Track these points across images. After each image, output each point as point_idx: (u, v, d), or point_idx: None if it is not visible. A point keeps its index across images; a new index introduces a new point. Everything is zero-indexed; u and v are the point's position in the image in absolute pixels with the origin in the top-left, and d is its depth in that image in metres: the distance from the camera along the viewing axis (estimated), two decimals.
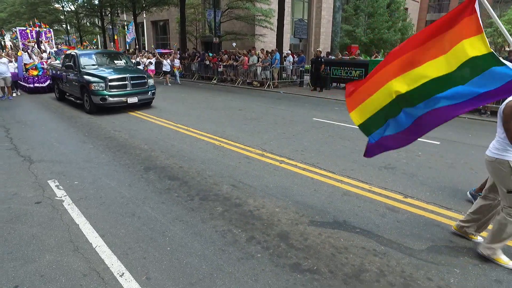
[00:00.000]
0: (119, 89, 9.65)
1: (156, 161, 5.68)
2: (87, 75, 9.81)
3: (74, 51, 11.28)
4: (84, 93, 9.87)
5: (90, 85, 9.35)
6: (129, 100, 9.78)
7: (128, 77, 9.81)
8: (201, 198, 4.30)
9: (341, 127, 8.28)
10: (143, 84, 10.25)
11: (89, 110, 9.82)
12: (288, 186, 4.75)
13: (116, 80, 9.60)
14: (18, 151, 6.34)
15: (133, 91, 9.92)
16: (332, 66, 15.32)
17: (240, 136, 7.19)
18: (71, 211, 3.99)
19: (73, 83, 10.59)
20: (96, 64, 10.63)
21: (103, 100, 9.38)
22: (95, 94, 9.34)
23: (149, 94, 10.44)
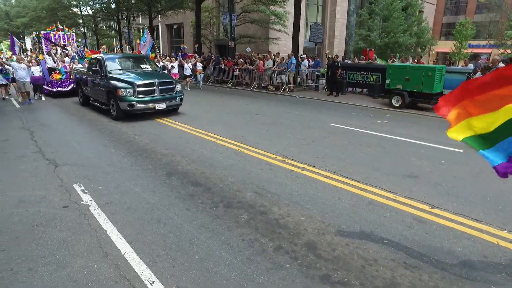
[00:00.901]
0: (147, 95, 9.26)
1: (178, 166, 5.71)
2: (114, 80, 9.47)
3: (100, 55, 10.98)
4: (111, 98, 9.54)
5: (117, 91, 9.01)
6: (157, 107, 9.36)
7: (156, 83, 9.41)
8: (225, 205, 4.30)
9: (361, 133, 8.19)
10: (171, 90, 9.84)
11: (116, 116, 9.47)
12: (311, 194, 4.71)
13: (144, 85, 9.21)
14: (43, 154, 6.47)
15: (161, 97, 9.51)
16: (348, 70, 15.20)
17: (260, 142, 7.18)
18: (98, 216, 4.04)
19: (99, 88, 10.27)
20: (123, 69, 10.26)
21: (130, 106, 9.01)
22: (122, 100, 8.98)
23: (177, 100, 10.00)
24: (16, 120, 9.68)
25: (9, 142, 7.37)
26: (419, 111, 11.29)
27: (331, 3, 34.65)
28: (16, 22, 47.12)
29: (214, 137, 7.63)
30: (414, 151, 6.78)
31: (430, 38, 31.30)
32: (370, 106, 12.31)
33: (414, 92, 11.52)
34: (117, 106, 9.25)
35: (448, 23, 44.83)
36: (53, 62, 14.38)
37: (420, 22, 31.46)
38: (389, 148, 6.99)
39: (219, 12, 32.36)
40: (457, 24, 35.97)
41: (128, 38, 31.25)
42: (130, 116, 9.52)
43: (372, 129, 8.69)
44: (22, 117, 10.02)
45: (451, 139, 3.30)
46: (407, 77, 11.58)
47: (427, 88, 11.07)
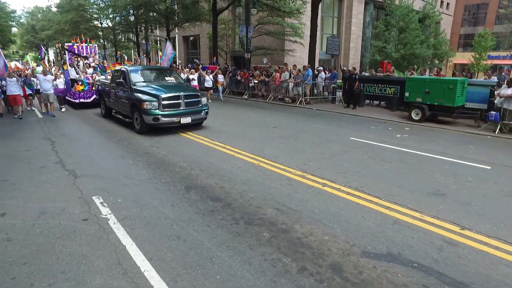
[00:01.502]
0: (172, 108, 8.91)
1: (197, 180, 5.65)
2: (139, 92, 9.21)
3: (124, 67, 10.80)
4: (135, 111, 9.25)
5: (142, 104, 8.71)
6: (183, 121, 9.01)
7: (182, 96, 9.08)
8: (246, 222, 4.20)
9: (381, 148, 8.00)
10: (197, 103, 9.48)
11: (140, 130, 9.16)
12: (334, 211, 4.56)
13: (169, 98, 8.87)
14: (64, 165, 6.53)
15: (187, 111, 9.16)
16: (365, 82, 15.03)
17: (278, 156, 7.07)
18: (117, 230, 3.99)
19: (122, 101, 10.02)
20: (147, 81, 9.99)
21: (155, 120, 8.68)
22: (147, 113, 8.67)
23: (202, 114, 9.64)
24: (39, 130, 9.89)
25: (31, 152, 7.49)
26: (440, 125, 11.00)
27: (347, 15, 34.68)
28: (41, 35, 49.02)
29: (232, 150, 7.57)
30: (438, 167, 6.54)
31: (447, 50, 30.81)
32: (389, 119, 12.08)
33: (434, 105, 11.25)
34: (141, 120, 8.97)
35: (466, 34, 44.18)
36: (75, 74, 14.50)
37: (437, 34, 31.06)
38: (411, 163, 6.77)
39: (234, 24, 32.84)
40: (476, 35, 35.36)
41: (146, 49, 31.90)
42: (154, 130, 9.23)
43: (392, 143, 8.48)
44: (44, 127, 10.23)
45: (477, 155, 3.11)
46: (427, 90, 11.34)
47: (448, 101, 10.79)
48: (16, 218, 4.35)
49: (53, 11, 52.82)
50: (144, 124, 8.94)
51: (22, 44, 65.60)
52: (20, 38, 64.06)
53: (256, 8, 18.75)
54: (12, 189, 5.37)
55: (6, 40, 42.22)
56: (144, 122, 8.88)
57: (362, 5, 34.63)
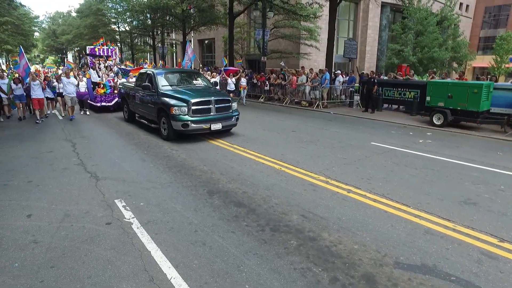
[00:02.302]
0: (202, 114, 8.42)
1: (218, 184, 5.57)
2: (166, 96, 8.70)
3: (150, 70, 10.34)
4: (162, 117, 8.78)
5: (170, 109, 8.24)
6: (213, 127, 8.47)
7: (212, 100, 8.59)
8: (272, 229, 4.08)
9: (404, 153, 7.77)
10: (227, 108, 8.98)
11: (167, 136, 8.70)
12: (361, 219, 4.40)
13: (200, 103, 8.38)
14: (85, 167, 6.56)
15: (217, 116, 8.66)
16: (384, 86, 14.75)
17: (300, 161, 6.94)
18: (141, 235, 3.93)
19: (148, 105, 9.55)
20: (174, 84, 9.55)
21: (184, 126, 8.17)
22: (175, 119, 8.18)
23: (232, 120, 9.10)
24: (59, 131, 10.03)
25: (53, 153, 7.57)
26: (463, 130, 10.66)
27: (363, 18, 34.33)
28: (61, 39, 50.33)
29: (252, 153, 7.48)
30: (466, 174, 6.29)
31: (467, 53, 30.06)
32: (409, 124, 11.79)
33: (457, 109, 10.93)
34: (169, 126, 8.50)
35: (486, 37, 43.12)
36: (97, 77, 14.50)
37: (456, 36, 30.36)
38: (437, 170, 6.54)
39: (250, 27, 32.90)
40: (497, 37, 34.43)
41: (162, 53, 32.25)
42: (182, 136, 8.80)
43: (415, 148, 8.23)
44: (65, 129, 10.37)
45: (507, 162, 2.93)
46: (450, 94, 11.03)
47: (472, 106, 10.46)
48: (41, 220, 4.35)
49: (73, 16, 54.30)
50: (172, 131, 8.50)
51: (43, 48, 67.56)
52: (42, 43, 66.00)
53: (273, 11, 18.68)
54: (37, 190, 5.40)
55: (29, 45, 43.53)
56: (172, 128, 8.42)
57: (379, 8, 34.20)
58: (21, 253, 3.60)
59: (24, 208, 4.72)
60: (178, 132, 8.46)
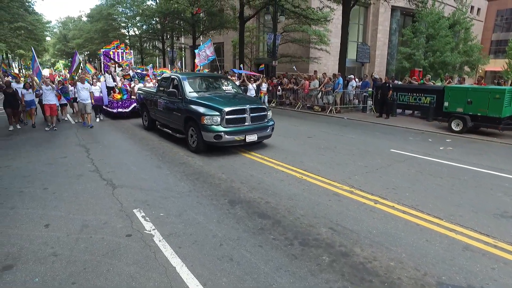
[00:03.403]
0: (236, 124, 7.60)
1: (239, 193, 5.38)
2: (196, 104, 7.89)
3: (175, 74, 9.55)
4: (190, 126, 7.99)
5: (201, 118, 7.44)
6: (248, 138, 7.63)
7: (247, 109, 7.77)
8: (301, 243, 3.87)
9: (426, 161, 7.50)
10: (263, 118, 8.13)
11: (196, 148, 7.91)
12: (393, 233, 4.17)
13: (234, 112, 7.57)
14: (100, 174, 6.42)
15: (253, 127, 7.82)
16: (399, 91, 14.47)
17: (320, 169, 6.73)
18: (164, 249, 3.75)
19: (173, 113, 8.74)
20: (202, 91, 8.78)
21: (217, 138, 7.35)
22: (207, 129, 7.38)
23: (268, 131, 8.24)
24: (73, 136, 9.94)
25: (68, 159, 7.47)
26: (484, 137, 10.34)
27: (373, 22, 34.10)
28: (72, 44, 50.94)
29: (270, 161, 7.29)
30: (497, 184, 6.02)
31: (480, 57, 29.57)
32: (426, 130, 11.50)
33: (477, 115, 10.62)
34: (199, 136, 7.69)
35: (498, 40, 42.58)
36: (112, 81, 13.89)
37: (469, 40, 29.90)
38: (465, 180, 6.27)
39: (259, 32, 32.85)
40: (510, 41, 33.90)
41: (172, 57, 32.32)
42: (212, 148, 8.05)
43: (437, 156, 7.96)
44: (78, 134, 10.29)
45: None
46: (469, 99, 10.73)
47: (494, 112, 10.14)
48: (59, 230, 4.20)
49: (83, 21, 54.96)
50: (202, 142, 7.68)
51: (54, 52, 68.44)
52: (53, 47, 66.85)
53: (284, 15, 18.55)
54: (53, 198, 5.27)
55: (41, 49, 44.07)
56: (203, 140, 7.62)
57: (389, 12, 33.95)
58: (41, 266, 3.44)
59: (42, 217, 4.58)
60: (209, 144, 7.66)
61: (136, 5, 31.79)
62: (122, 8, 34.85)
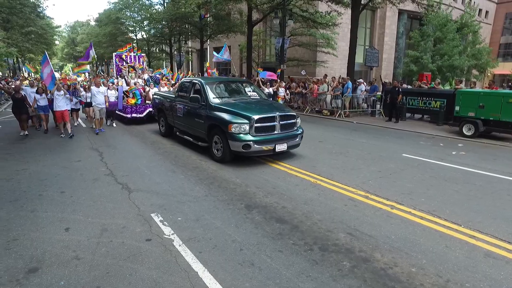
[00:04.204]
0: (266, 132, 7.15)
1: (255, 198, 5.41)
2: (221, 111, 7.45)
3: (196, 79, 9.14)
4: (214, 135, 7.56)
5: (229, 126, 6.98)
6: (278, 148, 7.18)
7: (277, 116, 7.30)
8: (320, 248, 3.88)
9: (439, 166, 7.47)
10: (292, 126, 7.69)
11: (221, 158, 7.44)
12: (412, 238, 4.16)
13: (263, 120, 7.11)
14: (116, 178, 6.49)
15: (282, 135, 7.37)
16: (408, 95, 14.43)
17: (334, 173, 6.73)
18: (184, 254, 3.78)
19: (195, 120, 8.31)
20: (226, 96, 8.32)
21: (246, 147, 6.89)
22: (235, 138, 6.93)
23: (297, 140, 7.78)
24: (85, 140, 10.04)
25: (82, 163, 7.55)
26: (496, 141, 10.28)
27: (380, 25, 34.10)
28: (80, 48, 51.56)
29: (283, 165, 7.31)
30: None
31: (489, 60, 29.34)
32: (437, 135, 11.44)
33: (489, 120, 10.54)
34: (225, 146, 7.24)
35: (506, 43, 42.27)
36: (126, 85, 13.48)
37: (477, 43, 29.68)
38: (480, 185, 6.23)
39: (266, 35, 32.97)
40: None
41: (179, 60, 32.54)
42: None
43: (450, 161, 7.92)
44: (89, 138, 10.39)
45: None
46: (481, 103, 10.66)
47: (507, 116, 10.06)
48: (80, 234, 4.25)
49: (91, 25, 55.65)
50: (228, 152, 7.24)
51: (62, 56, 69.33)
52: (61, 51, 67.71)
53: (293, 19, 18.62)
54: (71, 201, 5.33)
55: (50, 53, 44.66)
56: (229, 149, 7.18)
57: (396, 16, 33.94)
58: (65, 270, 3.49)
59: (61, 221, 4.64)
60: (237, 154, 7.21)
61: (144, 9, 32.07)
62: (130, 12, 35.21)
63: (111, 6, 38.64)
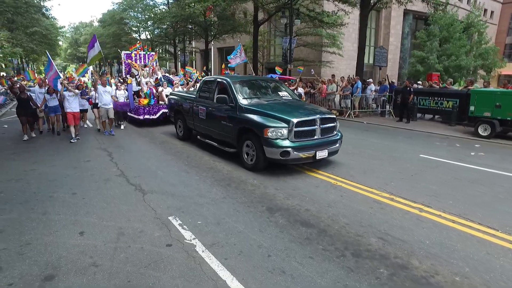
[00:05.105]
0: (305, 137, 6.40)
1: (276, 200, 5.17)
2: (254, 113, 6.68)
3: (222, 77, 8.26)
4: (246, 140, 6.83)
5: (264, 130, 6.21)
6: (318, 154, 6.40)
7: (317, 119, 6.56)
8: (353, 255, 3.64)
9: (460, 167, 7.22)
10: (332, 129, 6.97)
11: (253, 166, 6.66)
12: (448, 244, 3.92)
13: (303, 123, 6.36)
14: (127, 179, 6.27)
15: (323, 141, 6.63)
16: (419, 95, 14.17)
17: (353, 174, 6.49)
18: (209, 260, 3.55)
19: (221, 123, 7.52)
20: (255, 97, 7.50)
21: (284, 154, 6.12)
22: (271, 144, 6.16)
23: (337, 145, 7.04)
24: (92, 140, 9.84)
25: (91, 163, 7.34)
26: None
27: (385, 26, 33.84)
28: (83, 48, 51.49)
29: (300, 166, 7.06)
30: None
31: (497, 60, 29.03)
32: (451, 135, 11.18)
33: (507, 120, 10.28)
34: (259, 152, 6.47)
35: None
36: (136, 85, 12.90)
37: (485, 43, 29.38)
38: (508, 187, 5.98)
39: (270, 35, 32.76)
40: None
41: (184, 61, 32.35)
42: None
43: (470, 162, 7.67)
44: (97, 137, 10.18)
45: None
46: (498, 103, 10.40)
47: None
48: (95, 238, 4.03)
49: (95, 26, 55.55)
50: (262, 159, 6.46)
51: (66, 57, 69.35)
52: (64, 52, 67.70)
53: (300, 19, 18.39)
54: (83, 203, 5.11)
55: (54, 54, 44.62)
56: (264, 156, 6.41)
57: (401, 16, 33.69)
58: (83, 278, 3.26)
59: (75, 224, 4.42)
60: (274, 162, 6.44)
61: (148, 9, 31.91)
62: (134, 13, 35.07)
63: (115, 6, 38.58)
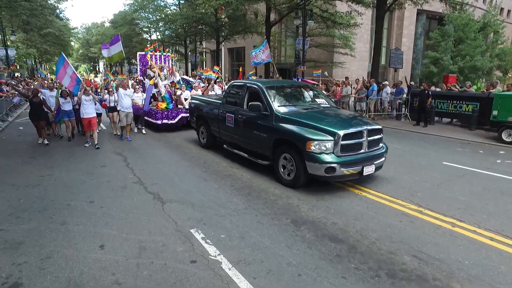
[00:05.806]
0: (352, 151, 5.76)
1: (300, 212, 4.99)
2: (293, 123, 6.03)
3: (253, 82, 7.70)
4: (283, 152, 6.18)
5: (308, 144, 5.56)
6: (366, 170, 5.77)
7: (365, 131, 5.90)
8: (388, 275, 3.44)
9: (489, 177, 6.92)
10: (378, 142, 6.32)
11: (293, 182, 6.00)
12: (489, 265, 3.69)
13: (350, 136, 5.71)
14: (145, 186, 6.15)
15: (370, 155, 5.97)
16: (437, 99, 13.81)
17: (377, 184, 6.27)
18: (237, 279, 3.38)
19: (253, 132, 6.89)
20: (292, 105, 6.87)
21: (329, 171, 5.46)
22: (315, 159, 5.50)
23: (383, 159, 6.34)
24: (106, 143, 9.76)
25: (107, 168, 7.26)
26: None
27: (397, 26, 33.42)
28: (94, 49, 52.00)
29: None
30: None
31: None
32: (472, 140, 10.83)
33: None
34: (299, 167, 5.81)
35: None
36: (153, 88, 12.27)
37: (501, 43, 28.67)
38: None
39: (281, 36, 32.56)
40: None
41: (195, 61, 32.35)
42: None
43: (497, 170, 7.36)
44: (111, 141, 10.12)
45: None
46: None
47: None
48: (116, 253, 3.90)
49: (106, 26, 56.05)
50: (304, 175, 5.80)
51: (77, 57, 70.21)
52: (76, 52, 68.52)
53: (313, 20, 18.18)
54: (101, 213, 5.00)
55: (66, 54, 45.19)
56: (305, 172, 5.75)
57: (414, 16, 33.20)
58: None
59: (94, 236, 4.30)
60: (317, 178, 5.79)
61: (159, 10, 31.99)
62: (145, 13, 35.20)
63: (126, 7, 38.78)
